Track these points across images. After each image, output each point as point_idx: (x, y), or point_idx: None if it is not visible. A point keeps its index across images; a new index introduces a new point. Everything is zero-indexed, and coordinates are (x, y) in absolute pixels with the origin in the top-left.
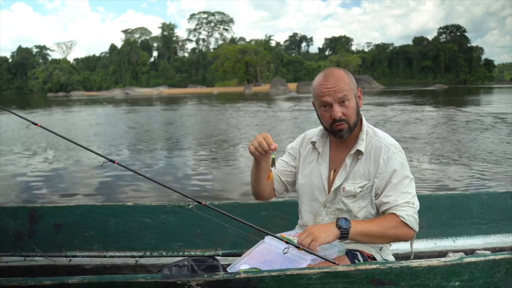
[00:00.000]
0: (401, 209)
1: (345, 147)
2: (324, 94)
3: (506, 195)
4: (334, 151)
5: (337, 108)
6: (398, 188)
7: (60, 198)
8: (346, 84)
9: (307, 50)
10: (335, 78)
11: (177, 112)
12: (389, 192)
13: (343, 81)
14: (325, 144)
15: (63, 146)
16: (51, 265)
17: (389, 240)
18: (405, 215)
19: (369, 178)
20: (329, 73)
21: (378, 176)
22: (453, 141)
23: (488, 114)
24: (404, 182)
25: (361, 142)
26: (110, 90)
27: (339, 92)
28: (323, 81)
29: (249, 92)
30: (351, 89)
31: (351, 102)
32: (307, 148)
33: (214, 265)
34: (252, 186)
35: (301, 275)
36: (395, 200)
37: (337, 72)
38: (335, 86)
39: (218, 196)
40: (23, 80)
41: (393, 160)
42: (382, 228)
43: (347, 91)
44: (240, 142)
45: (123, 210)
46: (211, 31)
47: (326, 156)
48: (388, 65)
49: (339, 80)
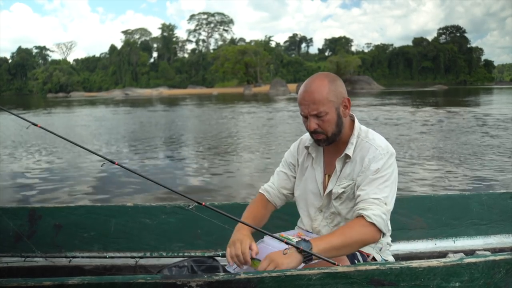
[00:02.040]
0: (369, 207)
1: (336, 151)
2: (302, 106)
3: (506, 195)
4: (327, 156)
5: (312, 120)
6: (374, 184)
7: (60, 198)
8: (323, 98)
9: (307, 50)
10: (311, 90)
11: (177, 113)
12: (364, 186)
13: (320, 95)
14: (318, 149)
15: (63, 146)
16: (51, 265)
17: (358, 246)
18: (372, 214)
19: (352, 178)
20: (308, 85)
21: (361, 174)
22: (453, 141)
23: (488, 114)
24: (381, 180)
25: (350, 146)
26: (110, 91)
27: (314, 107)
28: (302, 92)
29: (249, 92)
30: (330, 101)
31: (329, 115)
32: (303, 153)
33: (214, 266)
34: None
35: (301, 275)
36: (367, 193)
37: (317, 85)
38: (310, 101)
39: (218, 196)
40: (23, 80)
41: (378, 160)
42: (346, 237)
43: (323, 105)
44: (240, 143)
45: (123, 211)
46: (211, 32)
47: (320, 161)
48: (388, 66)
49: (315, 94)
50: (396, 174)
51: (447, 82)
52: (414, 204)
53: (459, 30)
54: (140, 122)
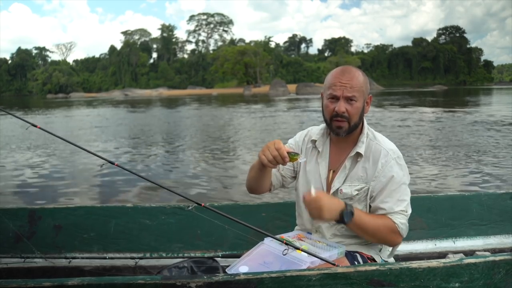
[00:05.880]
0: (396, 216)
1: (344, 148)
2: (336, 87)
3: (505, 196)
4: (333, 152)
5: (343, 103)
6: (395, 195)
7: (60, 199)
8: (359, 85)
9: (307, 51)
10: (351, 75)
11: (177, 114)
12: (386, 198)
13: (358, 81)
14: (325, 144)
15: (62, 147)
16: (50, 266)
17: (377, 240)
18: (400, 223)
19: (366, 181)
20: (347, 70)
21: (375, 179)
22: (453, 142)
23: (487, 115)
24: (401, 189)
25: (361, 144)
26: (110, 92)
27: (350, 90)
28: (339, 74)
29: (248, 93)
30: (362, 91)
31: (358, 103)
32: (308, 146)
33: (213, 267)
34: (249, 181)
35: (300, 276)
36: (391, 207)
37: (355, 72)
38: (348, 83)
39: (218, 197)
40: (23, 81)
41: (391, 165)
42: (377, 227)
43: (357, 92)
44: (240, 143)
45: (123, 212)
46: (210, 32)
47: (326, 156)
48: (387, 66)
49: (353, 79)
50: (408, 175)
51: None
52: (414, 205)
53: (458, 30)
54: (140, 123)
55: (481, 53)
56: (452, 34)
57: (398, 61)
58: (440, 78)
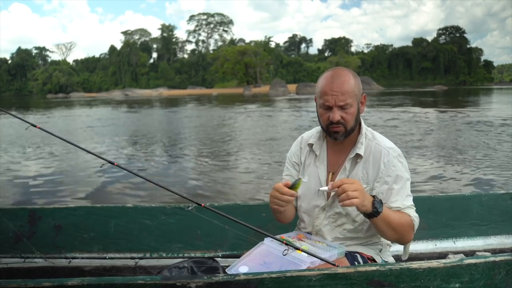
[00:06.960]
0: (410, 210)
1: (343, 150)
2: (327, 96)
3: (506, 196)
4: (331, 154)
5: (337, 112)
6: (403, 192)
7: (60, 199)
8: (350, 90)
9: (307, 51)
10: (341, 81)
11: (177, 114)
12: (395, 197)
13: (349, 86)
14: (322, 147)
15: (62, 147)
16: (50, 266)
17: (398, 236)
18: (414, 216)
19: (368, 182)
20: (337, 75)
21: (379, 180)
22: (453, 142)
23: (487, 115)
24: (406, 185)
25: (360, 145)
26: (110, 92)
27: (342, 98)
28: (329, 81)
29: (248, 93)
30: (355, 95)
31: (352, 108)
32: (305, 150)
33: (213, 267)
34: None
35: (300, 277)
36: (403, 204)
37: (345, 76)
38: (339, 91)
39: (218, 197)
40: (23, 81)
41: (394, 164)
42: (400, 221)
43: (350, 97)
44: (240, 143)
45: (123, 212)
46: (210, 32)
47: (324, 159)
48: (387, 66)
49: (344, 85)
50: (408, 170)
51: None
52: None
53: (458, 30)
54: (140, 123)
55: (481, 53)
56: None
57: (398, 61)
58: (440, 78)
